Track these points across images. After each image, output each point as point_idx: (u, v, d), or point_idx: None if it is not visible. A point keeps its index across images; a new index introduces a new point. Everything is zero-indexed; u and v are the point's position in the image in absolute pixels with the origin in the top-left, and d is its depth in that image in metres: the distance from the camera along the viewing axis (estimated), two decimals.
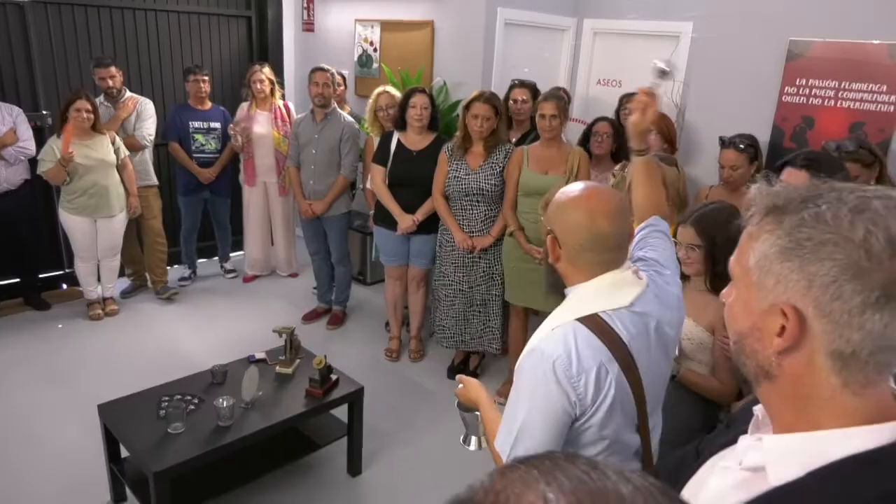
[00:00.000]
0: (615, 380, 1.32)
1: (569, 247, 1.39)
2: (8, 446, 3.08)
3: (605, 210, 1.36)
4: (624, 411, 1.36)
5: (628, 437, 1.42)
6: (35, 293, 4.58)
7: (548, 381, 1.30)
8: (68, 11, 4.54)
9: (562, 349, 1.30)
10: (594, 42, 5.04)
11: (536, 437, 1.32)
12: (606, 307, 1.36)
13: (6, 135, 4.05)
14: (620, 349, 1.32)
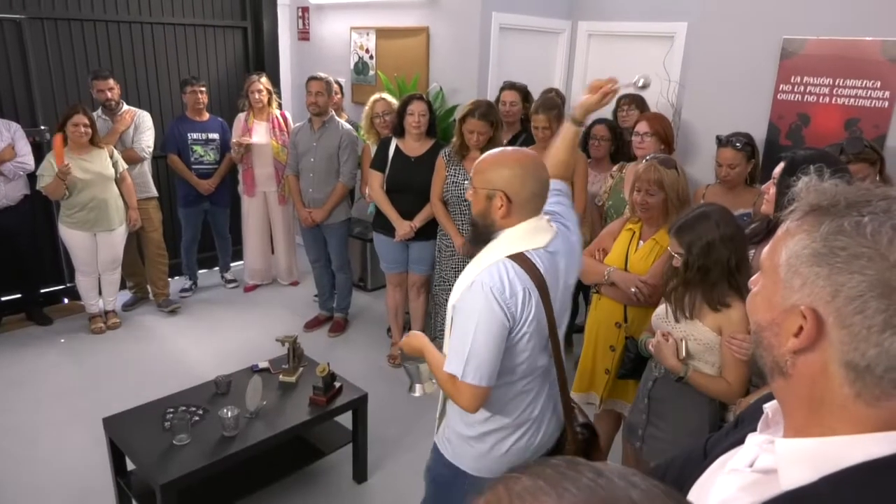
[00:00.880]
0: (536, 303, 1.67)
1: (520, 198, 1.69)
2: (14, 462, 3.08)
3: (537, 165, 1.73)
4: (539, 332, 1.71)
5: (540, 356, 1.76)
6: (37, 308, 4.58)
7: (490, 304, 1.61)
8: (65, 27, 4.56)
9: (497, 279, 1.63)
10: (589, 44, 5.06)
11: (483, 354, 1.63)
12: (528, 247, 1.69)
13: (5, 150, 4.06)
14: (539, 279, 1.67)
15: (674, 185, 2.49)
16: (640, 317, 2.51)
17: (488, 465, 1.80)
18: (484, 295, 1.62)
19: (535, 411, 1.82)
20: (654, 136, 3.22)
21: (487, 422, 1.79)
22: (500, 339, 1.64)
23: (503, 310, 1.62)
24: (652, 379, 2.23)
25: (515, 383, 1.76)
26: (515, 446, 1.80)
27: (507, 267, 1.65)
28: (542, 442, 1.85)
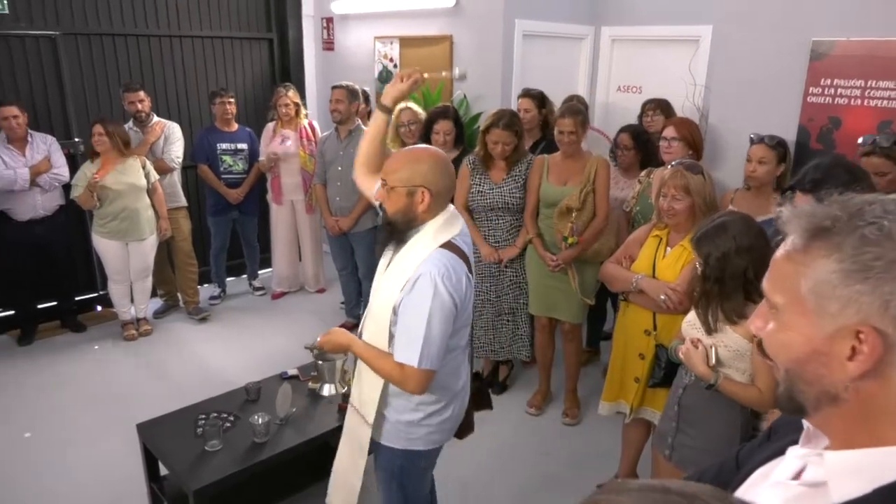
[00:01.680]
0: (468, 284, 1.84)
1: (439, 192, 1.82)
2: (49, 467, 3.15)
3: (445, 166, 1.86)
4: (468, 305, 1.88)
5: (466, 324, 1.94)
6: (71, 316, 4.69)
7: (440, 293, 1.74)
8: (97, 42, 4.68)
9: (442, 267, 1.76)
10: (612, 49, 5.05)
11: (436, 340, 1.76)
12: (451, 234, 1.84)
13: (41, 163, 4.17)
14: (468, 262, 1.85)
15: (700, 190, 2.47)
16: (669, 324, 2.49)
17: (438, 437, 2.01)
18: (433, 285, 1.74)
19: (461, 381, 2.02)
20: (681, 141, 3.20)
21: (433, 403, 1.94)
22: (449, 325, 1.80)
23: (452, 296, 1.77)
24: (682, 386, 2.21)
25: (449, 362, 1.92)
26: (454, 413, 2.01)
27: (447, 257, 1.79)
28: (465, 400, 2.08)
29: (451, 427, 2.05)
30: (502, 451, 3.30)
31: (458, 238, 1.86)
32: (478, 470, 3.14)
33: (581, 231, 3.29)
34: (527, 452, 3.33)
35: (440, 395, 1.95)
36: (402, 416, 1.96)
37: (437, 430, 1.99)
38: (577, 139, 3.28)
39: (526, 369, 4.10)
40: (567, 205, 3.27)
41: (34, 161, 4.14)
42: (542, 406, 3.69)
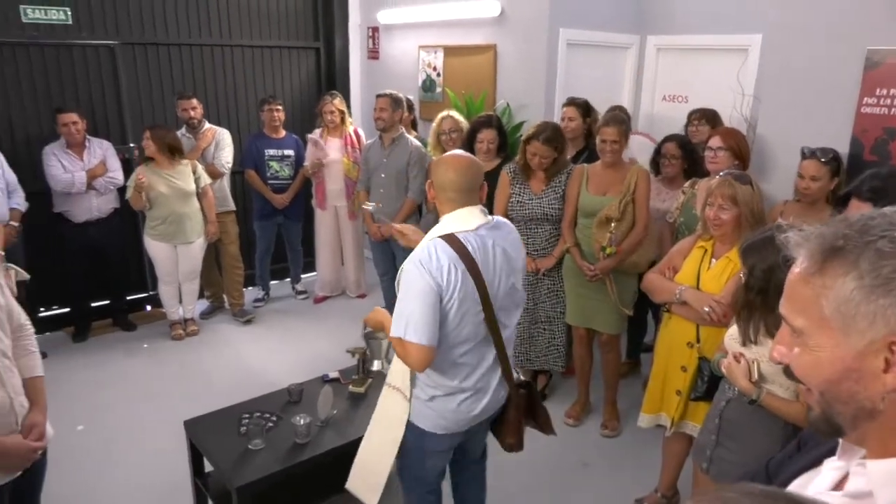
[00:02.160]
0: (462, 275, 1.93)
1: (437, 187, 2.05)
2: (99, 460, 3.27)
3: (457, 165, 2.04)
4: (470, 302, 1.97)
5: (476, 327, 2.02)
6: (123, 315, 4.86)
7: (422, 275, 1.90)
8: (153, 51, 4.85)
9: (425, 254, 1.93)
10: (658, 58, 5.00)
11: (418, 315, 1.91)
12: (458, 229, 1.99)
13: (97, 167, 4.34)
14: (466, 255, 1.95)
15: (748, 201, 2.43)
16: (713, 336, 2.45)
17: (444, 423, 2.12)
18: (415, 267, 1.93)
19: (472, 381, 2.09)
20: (727, 151, 3.15)
21: (436, 387, 2.09)
22: (432, 304, 1.92)
23: (431, 277, 1.91)
24: (725, 399, 2.17)
25: (452, 350, 2.03)
26: (461, 406, 2.10)
27: (435, 244, 1.95)
28: (488, 405, 2.16)
29: (458, 420, 2.12)
30: (540, 460, 3.29)
31: (468, 234, 1.99)
32: (516, 479, 3.13)
33: (620, 241, 3.26)
34: (565, 463, 3.31)
35: (443, 383, 2.08)
36: (419, 394, 2.12)
37: (442, 416, 2.11)
38: (619, 148, 3.26)
39: (565, 380, 4.08)
40: (606, 214, 3.25)
41: (91, 165, 4.32)
42: (580, 417, 3.66)
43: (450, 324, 1.98)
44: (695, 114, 4.03)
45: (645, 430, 2.86)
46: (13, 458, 1.80)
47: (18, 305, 1.99)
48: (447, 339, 2.00)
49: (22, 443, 1.83)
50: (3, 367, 1.81)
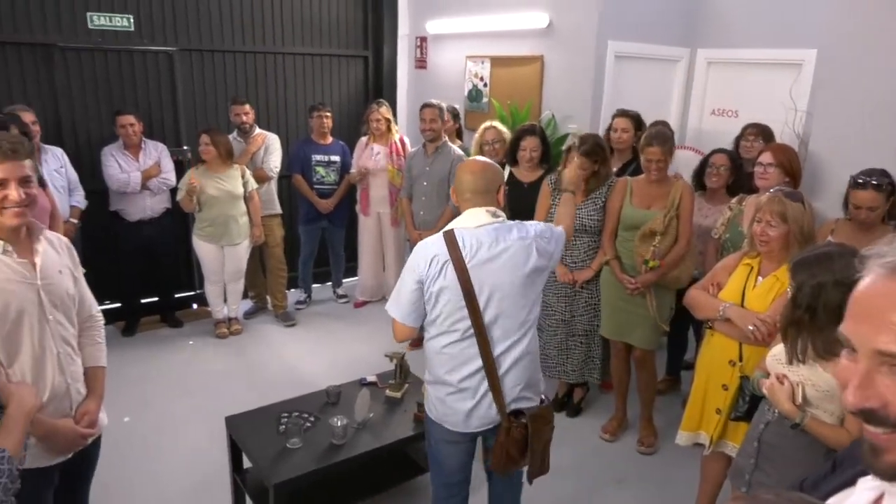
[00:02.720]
0: (446, 267, 2.05)
1: (457, 189, 2.20)
2: (145, 451, 3.37)
3: (472, 168, 2.19)
4: (454, 293, 2.06)
5: (459, 316, 2.09)
6: (170, 311, 5.01)
7: (413, 261, 2.12)
8: (209, 57, 5.02)
9: (423, 244, 2.12)
10: (708, 72, 4.93)
11: (400, 297, 2.14)
12: (458, 225, 2.12)
13: (151, 168, 4.51)
14: (455, 250, 2.05)
15: (798, 219, 2.37)
16: (756, 356, 2.39)
17: (437, 409, 2.24)
18: (413, 254, 2.15)
19: (456, 377, 2.15)
20: (778, 168, 3.09)
21: (430, 374, 2.24)
22: (413, 288, 2.10)
23: (417, 264, 2.09)
24: (764, 422, 2.12)
25: (438, 338, 2.16)
26: (449, 399, 2.18)
27: (433, 237, 2.13)
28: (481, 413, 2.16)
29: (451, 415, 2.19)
30: (574, 475, 3.26)
31: (466, 230, 2.10)
32: (550, 493, 3.10)
33: (662, 255, 3.22)
34: (601, 479, 3.28)
35: (432, 371, 2.23)
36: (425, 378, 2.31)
37: (436, 406, 2.24)
38: (664, 167, 3.22)
39: (602, 394, 4.04)
40: (651, 228, 3.22)
41: (146, 166, 4.48)
42: (616, 433, 3.62)
43: (433, 311, 2.12)
44: (750, 128, 3.93)
45: (683, 448, 2.81)
46: (62, 440, 1.88)
47: (91, 297, 2.09)
48: (433, 325, 2.16)
49: (72, 427, 1.91)
50: (65, 354, 1.90)
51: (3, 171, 1.71)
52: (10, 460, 1.39)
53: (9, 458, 1.39)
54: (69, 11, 4.39)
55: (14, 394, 1.53)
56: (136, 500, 3.01)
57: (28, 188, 1.76)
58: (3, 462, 1.38)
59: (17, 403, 1.51)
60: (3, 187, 1.72)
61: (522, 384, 2.19)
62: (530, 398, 2.23)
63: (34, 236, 1.86)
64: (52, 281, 1.86)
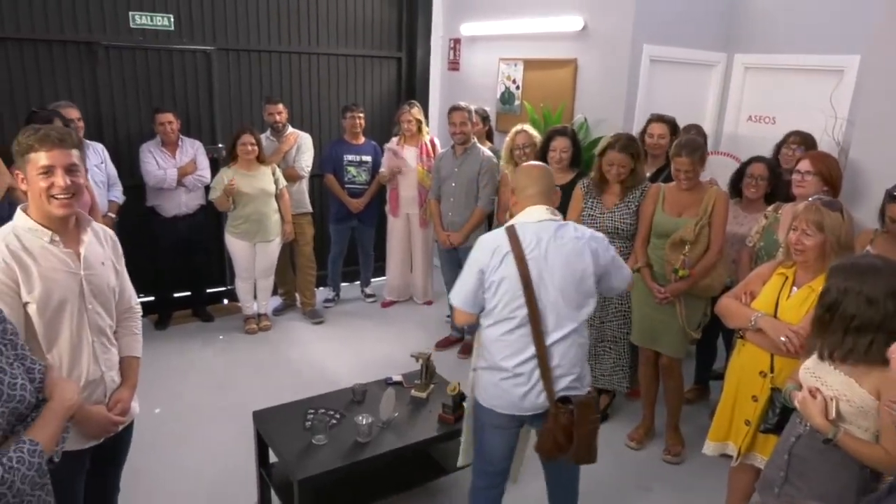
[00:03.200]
0: (506, 258, 2.21)
1: (517, 190, 2.38)
2: (174, 442, 3.44)
3: (534, 171, 2.39)
4: (514, 282, 2.20)
5: (517, 305, 2.22)
6: (202, 306, 5.09)
7: (476, 253, 2.29)
8: (245, 57, 5.10)
9: (485, 237, 2.33)
10: (745, 78, 4.85)
11: (462, 286, 2.31)
12: (519, 221, 2.30)
13: (187, 165, 4.59)
14: (516, 243, 2.22)
15: (835, 228, 2.32)
16: (788, 367, 2.35)
17: (489, 397, 2.34)
18: (475, 247, 2.33)
19: (512, 363, 2.26)
20: (816, 176, 3.02)
21: (485, 359, 2.34)
22: (475, 277, 2.27)
23: (479, 256, 2.27)
24: (795, 435, 2.08)
25: (497, 325, 2.28)
26: (503, 384, 2.29)
27: (495, 231, 2.32)
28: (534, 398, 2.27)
29: (502, 398, 2.30)
30: (600, 482, 3.23)
31: (527, 225, 2.27)
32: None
33: (692, 264, 3.17)
34: (625, 487, 3.24)
35: (485, 356, 2.34)
36: (476, 364, 2.40)
37: (486, 390, 2.34)
38: (693, 176, 3.17)
39: (629, 401, 3.99)
40: (681, 236, 3.17)
41: (182, 163, 4.57)
42: (643, 441, 3.57)
43: (493, 299, 2.25)
44: (793, 136, 3.83)
45: (710, 458, 2.77)
46: (93, 426, 1.92)
47: (132, 289, 2.14)
48: (491, 314, 2.28)
49: (104, 414, 1.95)
50: (100, 343, 1.95)
51: (49, 158, 1.76)
52: (41, 454, 1.40)
53: (40, 453, 1.40)
54: (112, 11, 4.51)
55: (58, 388, 1.55)
56: (164, 489, 3.07)
57: (74, 177, 1.80)
58: (35, 456, 1.39)
59: (60, 398, 1.53)
60: (50, 174, 1.76)
61: (572, 374, 2.30)
62: (578, 388, 2.33)
63: (82, 227, 1.92)
64: (94, 272, 1.91)
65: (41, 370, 1.57)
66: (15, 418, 1.44)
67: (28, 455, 1.37)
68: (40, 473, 1.41)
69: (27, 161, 1.77)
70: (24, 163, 1.78)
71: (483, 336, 2.34)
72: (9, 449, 1.36)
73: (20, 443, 1.38)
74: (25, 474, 1.35)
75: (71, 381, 1.64)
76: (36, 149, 1.76)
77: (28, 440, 1.40)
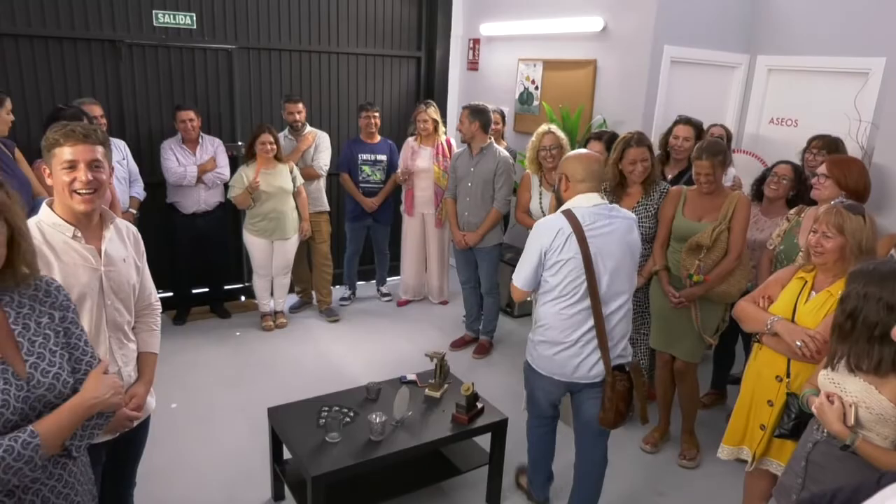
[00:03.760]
0: (569, 239, 2.42)
1: (574, 179, 2.55)
2: (187, 437, 3.47)
3: (588, 159, 2.57)
4: (576, 262, 2.43)
5: (578, 287, 2.45)
6: (219, 303, 5.14)
7: (535, 237, 2.52)
8: (266, 55, 5.14)
9: (544, 221, 2.54)
10: (768, 79, 4.79)
11: (522, 267, 2.55)
12: (575, 205, 2.50)
13: (207, 162, 4.63)
14: (576, 225, 2.43)
15: (856, 232, 2.28)
16: (804, 372, 2.32)
17: (543, 364, 2.60)
18: (534, 230, 2.54)
19: (573, 337, 2.50)
20: (830, 179, 2.95)
21: (543, 334, 2.56)
22: (534, 259, 2.49)
23: (539, 240, 2.48)
24: (813, 441, 2.05)
25: (555, 303, 2.50)
26: (558, 355, 2.54)
27: (557, 216, 2.49)
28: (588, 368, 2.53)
29: (554, 367, 2.57)
30: (615, 486, 3.21)
31: (584, 209, 2.47)
32: None
33: (708, 270, 3.13)
34: (642, 491, 3.22)
35: (544, 331, 2.56)
36: (532, 336, 2.65)
37: (540, 358, 2.60)
38: (714, 180, 3.14)
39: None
40: (697, 241, 3.14)
41: (202, 160, 4.61)
42: (658, 444, 3.54)
43: (555, 277, 2.46)
44: (815, 140, 3.72)
45: (726, 463, 2.74)
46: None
47: (152, 285, 2.16)
48: (553, 290, 2.49)
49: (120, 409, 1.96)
50: (117, 339, 1.97)
51: (73, 153, 1.78)
52: (35, 448, 1.36)
53: (35, 446, 1.36)
54: (136, 9, 4.56)
55: (87, 383, 1.52)
56: (179, 483, 3.10)
57: (97, 172, 1.82)
58: (28, 448, 1.35)
59: (81, 393, 1.50)
60: (73, 169, 1.78)
61: (622, 343, 2.58)
62: (625, 356, 2.60)
63: (105, 223, 1.94)
64: (114, 268, 1.92)
65: (89, 363, 1.56)
66: (42, 406, 1.43)
67: (20, 446, 1.34)
68: (31, 467, 1.36)
69: (52, 156, 1.80)
70: (49, 157, 1.81)
71: (540, 312, 2.56)
72: (4, 438, 1.33)
73: (20, 432, 1.36)
74: (10, 465, 1.32)
75: (106, 379, 1.57)
76: (61, 143, 1.78)
77: (29, 430, 1.37)
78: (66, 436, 1.47)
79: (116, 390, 1.58)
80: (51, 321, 1.53)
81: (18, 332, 1.47)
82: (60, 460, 1.50)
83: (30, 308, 1.51)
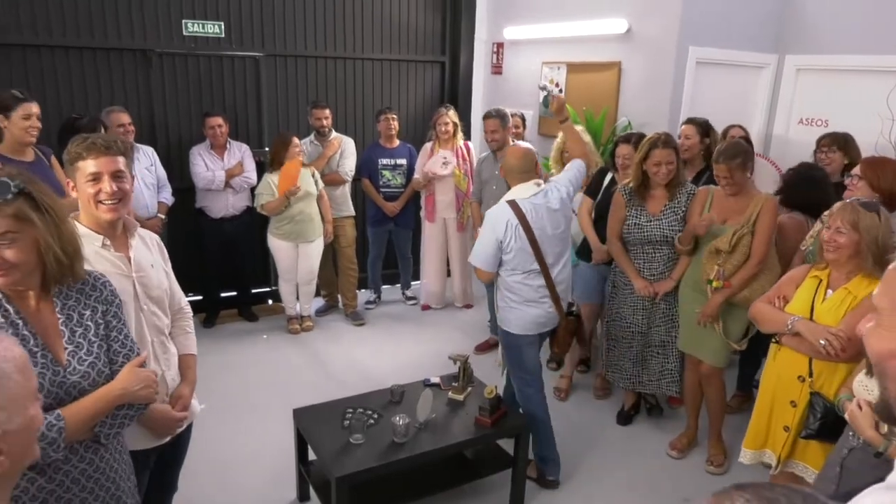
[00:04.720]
0: (517, 230, 2.89)
1: (506, 170, 3.11)
2: (217, 437, 3.52)
3: (517, 155, 3.08)
4: (525, 244, 2.91)
5: (529, 262, 2.94)
6: (247, 306, 5.22)
7: (488, 225, 2.97)
8: (292, 62, 5.21)
9: (494, 211, 2.98)
10: (797, 80, 4.71)
11: (480, 250, 3.00)
12: (516, 197, 2.95)
13: (235, 167, 4.72)
14: (521, 216, 2.89)
15: (871, 229, 2.23)
16: (827, 371, 2.28)
17: (519, 323, 3.02)
18: (487, 221, 2.98)
19: (534, 297, 3.00)
20: (863, 180, 2.90)
21: (507, 299, 3.03)
22: (492, 244, 2.93)
23: (493, 231, 2.92)
24: (848, 447, 2.01)
25: (514, 274, 2.97)
26: (528, 313, 3.01)
27: (502, 207, 2.93)
28: (547, 318, 3.06)
29: (528, 324, 3.02)
30: (641, 491, 3.19)
31: (524, 200, 2.92)
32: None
33: (728, 276, 3.08)
34: (666, 496, 3.18)
35: (512, 297, 3.01)
36: (501, 304, 3.08)
37: (518, 321, 3.02)
38: (733, 183, 3.08)
39: (671, 408, 3.92)
40: (717, 246, 3.08)
41: (230, 165, 4.70)
42: (685, 450, 3.50)
43: (513, 259, 2.93)
44: (824, 139, 3.72)
45: (753, 469, 2.70)
46: (159, 424, 1.97)
47: (180, 290, 2.20)
48: (509, 266, 2.96)
49: (168, 412, 2.00)
50: (159, 343, 2.02)
51: (96, 165, 1.82)
52: (59, 430, 1.43)
53: (59, 428, 1.43)
54: (166, 19, 4.67)
55: (120, 374, 1.61)
56: (205, 483, 3.14)
57: (121, 182, 1.86)
58: (52, 430, 1.41)
59: (111, 384, 1.58)
60: (97, 181, 1.82)
61: (566, 295, 3.13)
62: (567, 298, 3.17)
63: (129, 232, 1.98)
64: (145, 273, 1.97)
65: (127, 356, 1.64)
66: (77, 392, 1.52)
67: (45, 427, 1.40)
68: (55, 448, 1.43)
69: (76, 169, 1.83)
70: (73, 171, 1.84)
71: (506, 282, 3.00)
72: None
73: (48, 415, 1.42)
74: None
75: (139, 372, 1.64)
76: (84, 157, 1.81)
77: (56, 413, 1.44)
78: (92, 423, 1.54)
79: (147, 384, 1.66)
80: (93, 314, 1.63)
81: (62, 321, 1.57)
82: (92, 445, 1.58)
83: (76, 300, 1.62)
